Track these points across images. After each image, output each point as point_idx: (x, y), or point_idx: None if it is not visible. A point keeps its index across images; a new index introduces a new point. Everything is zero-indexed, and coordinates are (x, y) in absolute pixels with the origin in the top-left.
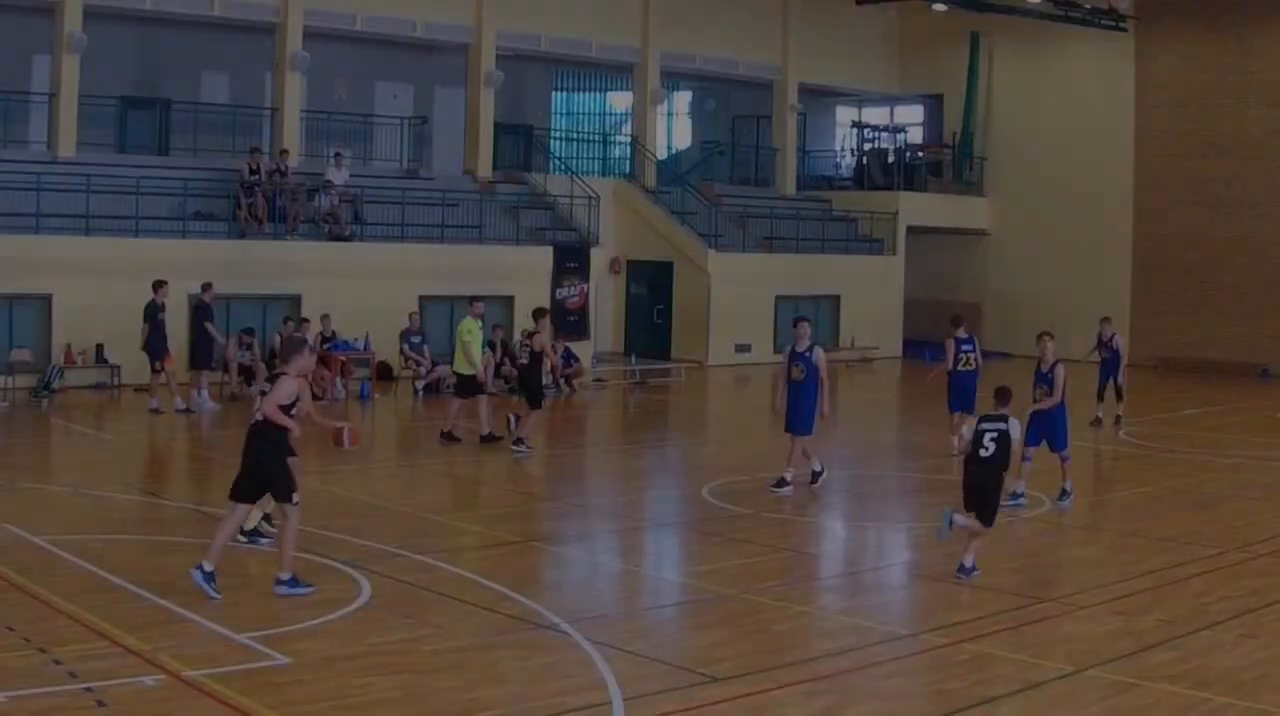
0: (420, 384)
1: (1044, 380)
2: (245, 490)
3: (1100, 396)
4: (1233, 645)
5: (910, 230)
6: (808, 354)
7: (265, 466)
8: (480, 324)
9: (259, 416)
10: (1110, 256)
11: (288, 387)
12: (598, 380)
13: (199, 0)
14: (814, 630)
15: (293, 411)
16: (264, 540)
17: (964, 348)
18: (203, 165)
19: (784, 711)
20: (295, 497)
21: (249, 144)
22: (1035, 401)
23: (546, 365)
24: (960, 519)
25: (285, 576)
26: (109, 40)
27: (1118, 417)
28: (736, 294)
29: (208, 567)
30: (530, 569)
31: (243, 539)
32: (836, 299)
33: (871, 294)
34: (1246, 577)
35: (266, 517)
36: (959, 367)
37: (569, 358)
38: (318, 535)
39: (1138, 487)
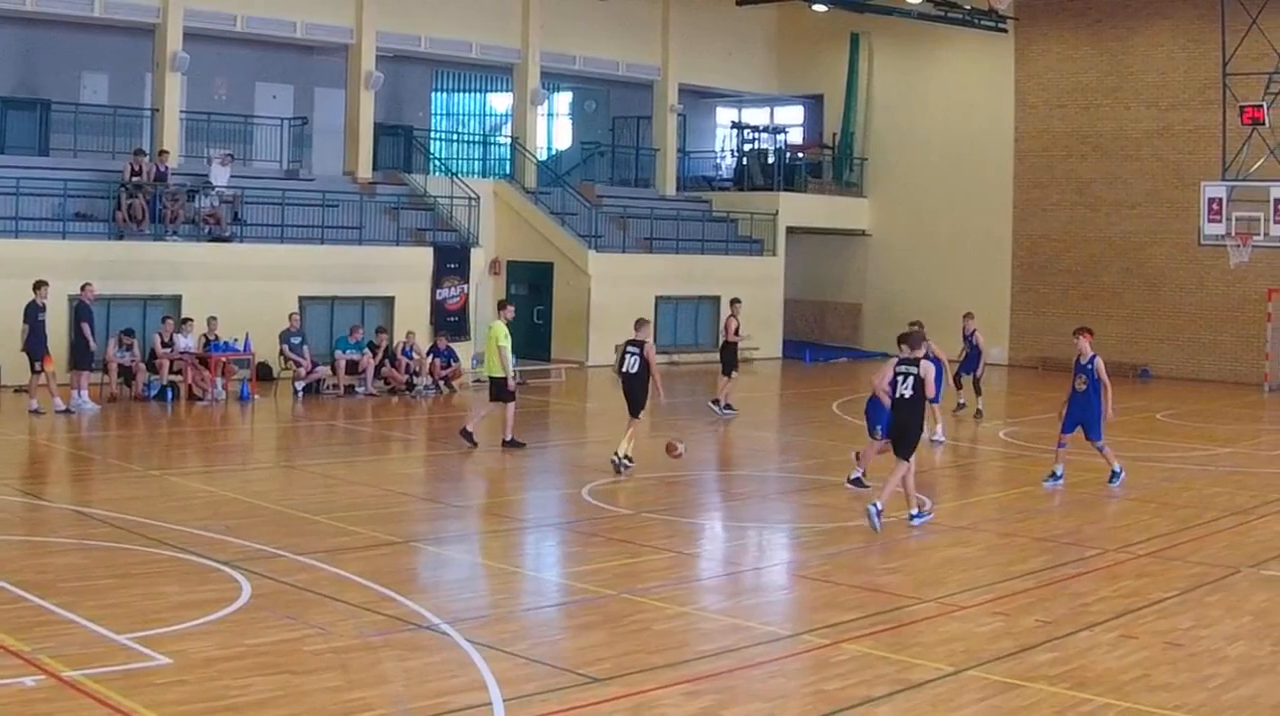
0: (300, 385)
1: (1082, 371)
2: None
3: (958, 386)
4: (1112, 645)
5: (790, 231)
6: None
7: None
8: (508, 327)
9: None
10: (991, 257)
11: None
12: (478, 381)
13: (79, 1)
14: (694, 630)
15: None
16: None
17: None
18: (83, 166)
19: (664, 711)
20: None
21: (130, 145)
22: (1075, 390)
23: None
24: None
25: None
26: None
27: (978, 412)
28: (617, 295)
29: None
30: (410, 569)
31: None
32: (716, 300)
33: (752, 294)
34: (1126, 578)
35: None
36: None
37: (448, 358)
38: (197, 536)
39: (1017, 488)
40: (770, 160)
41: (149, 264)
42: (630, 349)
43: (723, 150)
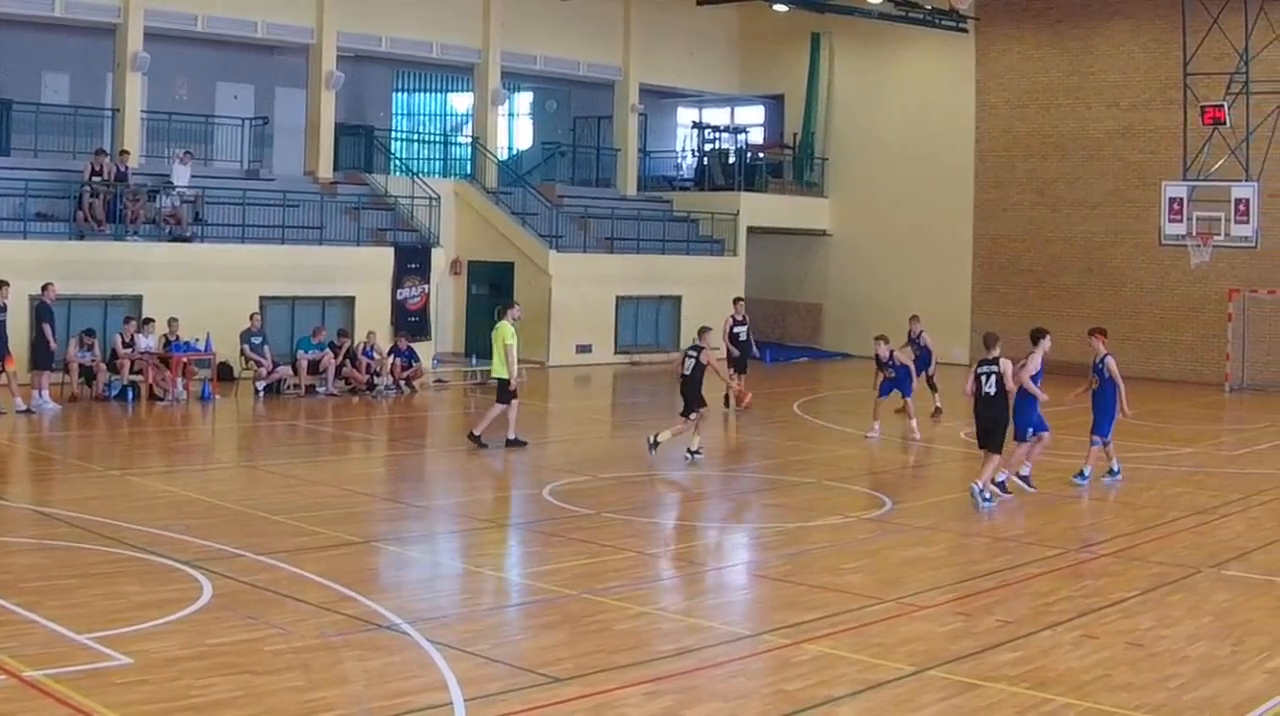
0: (261, 385)
1: (1095, 371)
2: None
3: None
4: (1074, 645)
5: (751, 231)
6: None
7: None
8: (516, 328)
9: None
10: (951, 257)
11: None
12: (438, 381)
13: (40, 1)
14: (655, 630)
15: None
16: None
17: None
18: (44, 166)
19: (625, 711)
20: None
21: (91, 145)
22: (1088, 389)
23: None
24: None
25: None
26: None
27: (936, 409)
28: (577, 294)
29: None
30: (371, 569)
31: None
32: (678, 299)
33: (712, 294)
34: (1087, 578)
35: None
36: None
37: (409, 358)
38: (159, 536)
39: None
40: (731, 160)
41: (110, 264)
42: (690, 353)
43: (684, 150)
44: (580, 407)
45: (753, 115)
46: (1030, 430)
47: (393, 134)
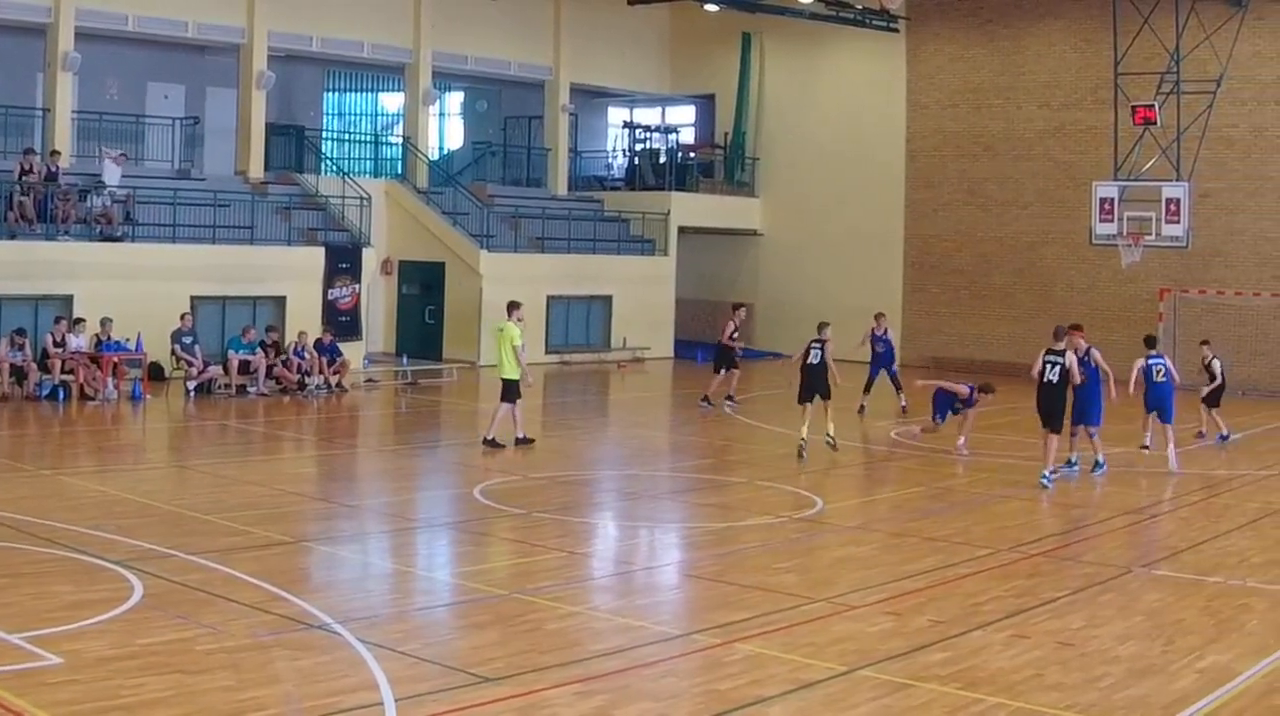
0: (192, 384)
1: (1082, 364)
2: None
3: (868, 388)
4: (1004, 645)
5: (682, 230)
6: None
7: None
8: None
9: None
10: (882, 256)
11: None
12: (369, 380)
13: None
14: (586, 630)
15: None
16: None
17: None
18: None
19: (556, 711)
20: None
21: (21, 145)
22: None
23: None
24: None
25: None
26: None
27: (903, 408)
28: (508, 294)
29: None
30: (302, 569)
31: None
32: (609, 299)
33: (643, 294)
34: (1018, 578)
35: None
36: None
37: (333, 353)
38: (90, 535)
39: (909, 488)
40: (662, 160)
41: (41, 264)
42: (814, 345)
43: (615, 150)
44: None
45: (684, 115)
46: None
47: (324, 134)
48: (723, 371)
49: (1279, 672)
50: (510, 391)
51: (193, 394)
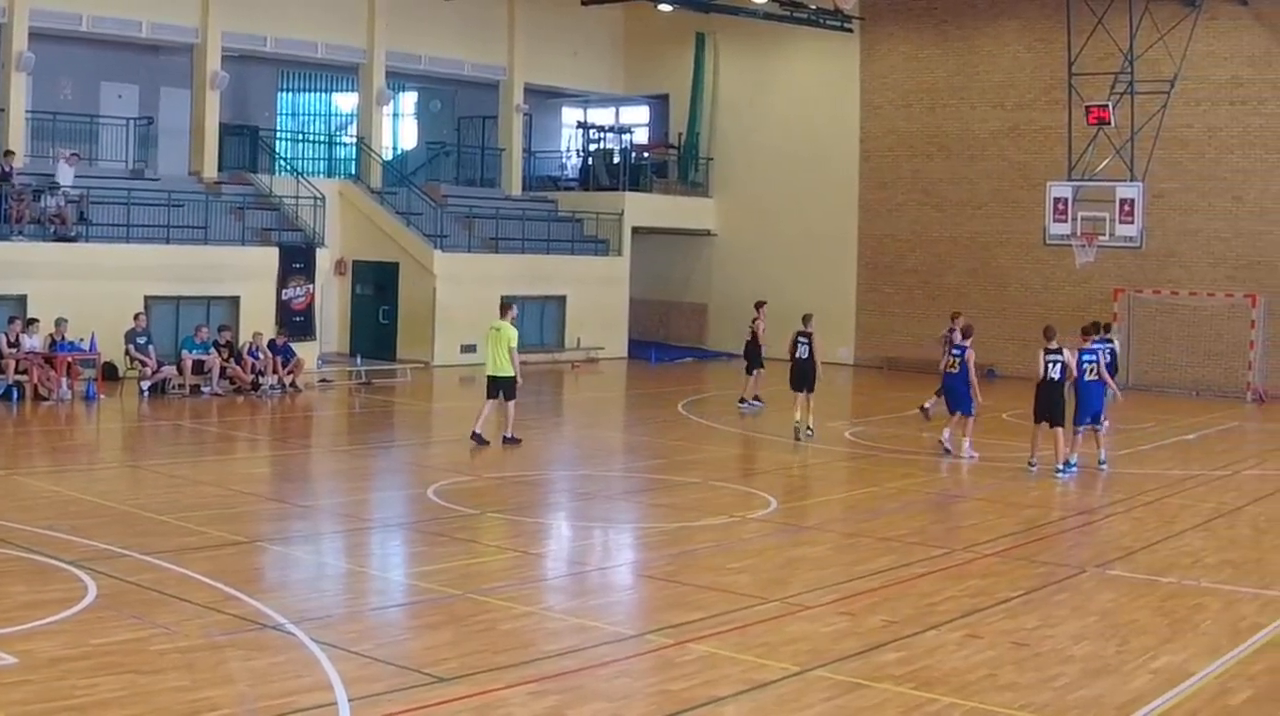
0: (146, 384)
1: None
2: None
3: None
4: (958, 645)
5: (636, 231)
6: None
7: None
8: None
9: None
10: (836, 257)
11: None
12: (323, 381)
13: None
14: (540, 630)
15: None
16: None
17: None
18: None
19: (510, 711)
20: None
21: None
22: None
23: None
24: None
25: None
26: None
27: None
28: (462, 294)
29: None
30: (256, 569)
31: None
32: (562, 299)
33: (597, 294)
34: (972, 578)
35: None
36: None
37: (286, 353)
38: (43, 535)
39: (863, 488)
40: (616, 160)
41: None
42: (800, 339)
43: (568, 150)
44: (464, 408)
45: (637, 115)
46: (1089, 418)
47: (277, 134)
48: (755, 372)
49: (1232, 673)
50: (510, 389)
51: (147, 394)
